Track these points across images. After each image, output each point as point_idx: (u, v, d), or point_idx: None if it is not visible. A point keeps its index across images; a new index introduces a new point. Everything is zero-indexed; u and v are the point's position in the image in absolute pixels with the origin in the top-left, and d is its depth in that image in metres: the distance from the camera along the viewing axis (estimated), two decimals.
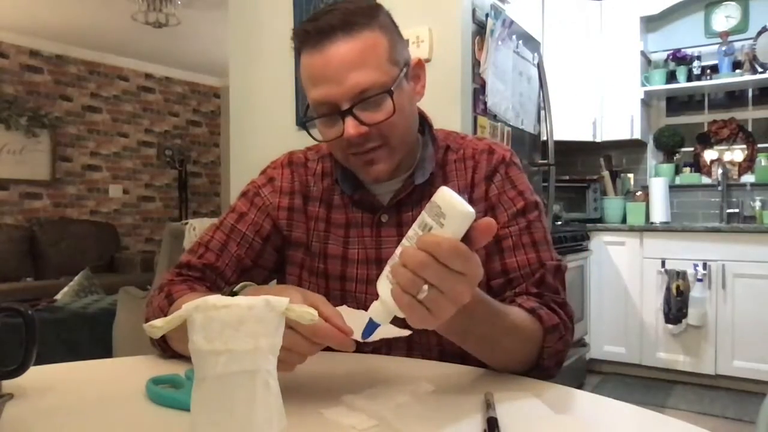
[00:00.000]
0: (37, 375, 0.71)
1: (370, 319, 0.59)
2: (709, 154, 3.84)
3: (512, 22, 2.55)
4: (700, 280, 3.18)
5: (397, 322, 0.60)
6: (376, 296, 0.59)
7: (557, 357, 0.82)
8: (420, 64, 0.92)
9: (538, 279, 0.86)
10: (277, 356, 0.48)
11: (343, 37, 0.81)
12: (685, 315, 3.20)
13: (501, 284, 0.87)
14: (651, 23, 3.92)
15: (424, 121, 0.96)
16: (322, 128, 0.88)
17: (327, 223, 0.96)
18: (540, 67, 2.89)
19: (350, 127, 0.82)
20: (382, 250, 0.92)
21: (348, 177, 0.94)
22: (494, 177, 0.92)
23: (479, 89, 2.32)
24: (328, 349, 0.90)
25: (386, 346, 0.90)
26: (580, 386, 3.18)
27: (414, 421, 0.59)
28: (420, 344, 0.90)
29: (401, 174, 0.93)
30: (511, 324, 0.74)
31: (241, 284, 0.78)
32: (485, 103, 2.35)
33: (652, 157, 4.02)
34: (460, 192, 0.89)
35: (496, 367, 0.79)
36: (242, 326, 0.45)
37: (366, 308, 0.62)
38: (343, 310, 0.67)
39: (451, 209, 0.53)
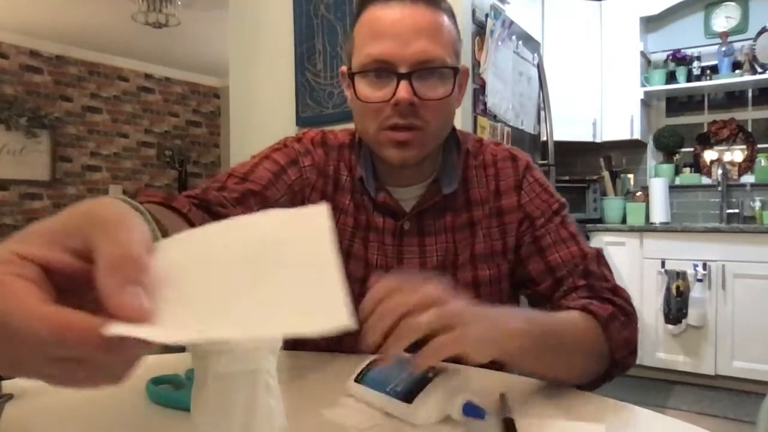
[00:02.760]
0: None
1: None
2: (708, 155, 3.84)
3: (512, 22, 2.55)
4: (700, 281, 3.18)
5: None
6: None
7: (627, 345, 0.77)
8: (466, 73, 0.90)
9: (582, 270, 0.83)
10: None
11: (425, 5, 0.79)
12: (685, 315, 3.20)
13: (549, 286, 0.84)
14: (651, 23, 3.92)
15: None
16: (366, 89, 0.81)
17: (355, 220, 0.89)
18: (540, 67, 2.89)
19: (403, 90, 0.77)
20: (403, 259, 0.88)
21: (371, 178, 0.88)
22: (523, 184, 0.90)
23: (479, 89, 2.32)
24: (328, 348, 0.89)
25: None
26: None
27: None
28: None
29: (423, 178, 0.88)
30: (571, 341, 0.71)
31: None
32: (485, 104, 2.35)
33: (652, 158, 4.02)
34: (482, 201, 0.90)
35: (576, 382, 0.75)
36: None
37: None
38: None
39: None
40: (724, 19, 3.75)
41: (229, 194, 0.80)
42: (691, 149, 3.90)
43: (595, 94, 3.76)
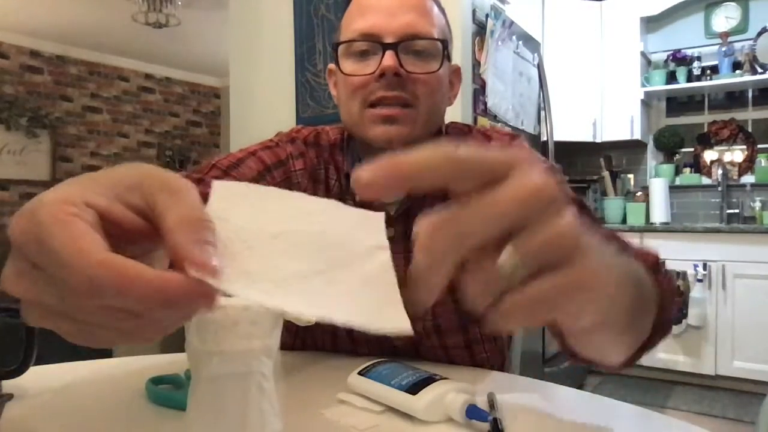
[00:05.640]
0: (37, 375, 0.71)
1: None
2: (709, 155, 3.84)
3: (512, 22, 2.56)
4: (700, 281, 3.18)
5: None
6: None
7: (675, 297, 0.59)
8: (458, 72, 0.88)
9: None
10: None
11: None
12: (685, 315, 3.20)
13: None
14: (651, 24, 3.93)
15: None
16: (351, 65, 0.79)
17: None
18: (540, 67, 2.89)
19: (389, 58, 0.74)
20: None
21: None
22: None
23: (479, 89, 2.32)
24: (329, 348, 0.90)
25: (391, 353, 0.84)
26: (580, 386, 3.18)
27: (414, 420, 0.59)
28: (426, 347, 0.86)
29: None
30: (647, 293, 0.48)
31: None
32: (485, 104, 2.35)
33: (652, 158, 4.02)
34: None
35: (625, 359, 0.54)
36: (236, 327, 0.45)
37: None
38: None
39: None
40: (724, 19, 3.75)
41: (205, 190, 0.75)
42: (692, 149, 3.90)
43: (595, 94, 3.77)
